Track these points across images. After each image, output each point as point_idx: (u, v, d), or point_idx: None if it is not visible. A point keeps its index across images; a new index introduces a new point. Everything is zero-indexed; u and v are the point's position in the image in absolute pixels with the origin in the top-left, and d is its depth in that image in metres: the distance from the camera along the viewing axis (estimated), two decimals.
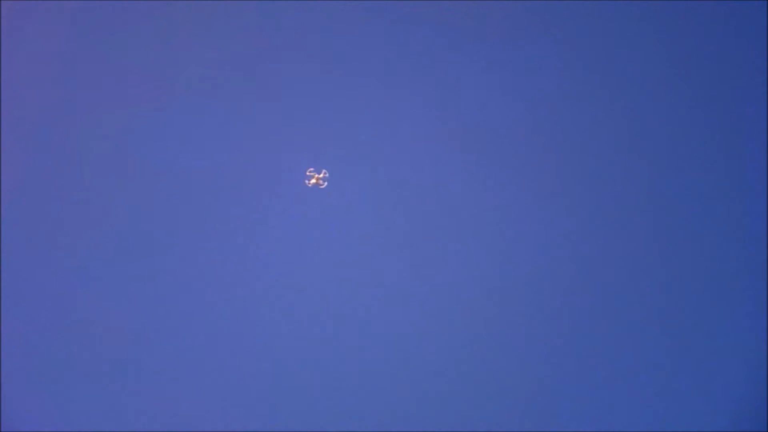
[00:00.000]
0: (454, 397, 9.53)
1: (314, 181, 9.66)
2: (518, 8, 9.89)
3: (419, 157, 9.93)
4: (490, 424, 9.41)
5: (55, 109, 9.93)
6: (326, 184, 9.66)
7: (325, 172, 9.65)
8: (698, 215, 9.71)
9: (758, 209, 9.59)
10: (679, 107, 9.92)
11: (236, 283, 9.77)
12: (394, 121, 9.99)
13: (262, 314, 9.73)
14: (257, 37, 10.02)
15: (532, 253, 9.74)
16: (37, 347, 9.49)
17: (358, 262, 9.82)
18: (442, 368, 9.60)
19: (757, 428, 9.10)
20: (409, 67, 10.00)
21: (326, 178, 9.67)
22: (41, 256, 9.67)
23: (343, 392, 9.57)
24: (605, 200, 9.81)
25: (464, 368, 9.57)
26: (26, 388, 9.41)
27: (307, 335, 9.69)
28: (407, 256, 9.80)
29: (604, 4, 9.99)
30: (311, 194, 9.81)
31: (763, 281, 9.41)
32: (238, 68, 9.99)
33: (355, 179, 9.91)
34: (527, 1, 9.87)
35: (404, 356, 9.64)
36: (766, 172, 9.62)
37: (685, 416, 9.29)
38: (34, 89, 9.91)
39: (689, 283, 9.60)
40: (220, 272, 9.78)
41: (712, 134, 9.83)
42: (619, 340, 9.54)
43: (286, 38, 9.99)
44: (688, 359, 9.44)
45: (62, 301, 9.61)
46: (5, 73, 9.84)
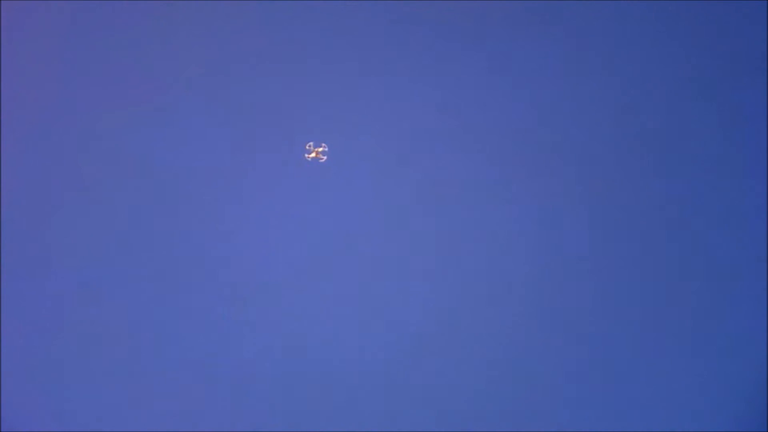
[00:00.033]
0: (454, 396, 9.55)
1: (313, 155, 9.63)
2: None
3: (422, 149, 9.95)
4: (490, 424, 9.43)
5: (55, 109, 9.95)
6: (326, 158, 9.62)
7: (324, 145, 9.60)
8: (698, 215, 9.73)
9: (758, 209, 9.61)
10: (679, 107, 9.94)
11: (236, 282, 9.79)
12: (395, 121, 10.01)
13: (262, 313, 9.76)
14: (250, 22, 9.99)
15: (532, 245, 9.74)
16: (37, 347, 9.51)
17: (357, 262, 9.85)
18: (441, 367, 9.63)
19: (757, 428, 9.12)
20: (412, 55, 9.98)
21: (326, 152, 9.61)
22: (41, 255, 9.69)
23: (342, 392, 9.59)
24: (605, 200, 9.82)
25: (464, 368, 9.60)
26: (26, 388, 9.42)
27: (306, 334, 9.71)
28: (410, 256, 9.83)
29: (604, 4, 10.01)
30: (311, 194, 9.84)
31: (763, 281, 9.43)
32: (236, 63, 10.01)
33: (354, 179, 9.93)
34: None
35: (404, 355, 9.67)
36: (766, 172, 9.64)
37: (685, 416, 9.32)
38: (34, 89, 9.93)
39: (689, 283, 9.61)
40: (221, 272, 9.80)
41: (712, 134, 9.85)
42: (619, 340, 9.56)
43: (283, 24, 9.96)
44: (688, 359, 9.45)
45: (62, 300, 9.63)
46: (5, 73, 9.87)
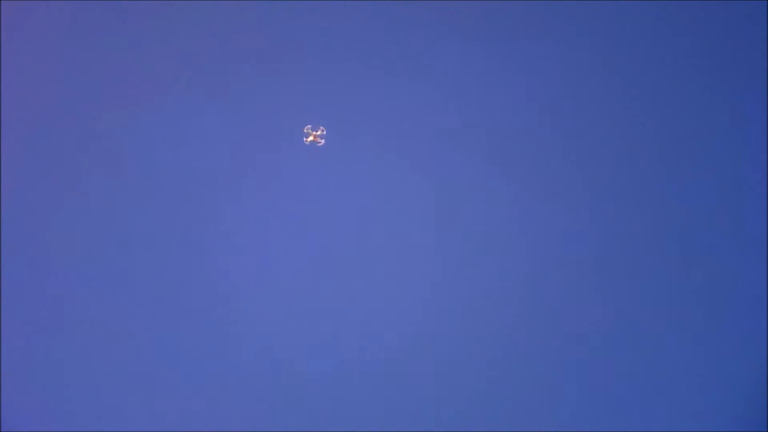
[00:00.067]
0: (453, 396, 9.54)
1: (311, 138, 9.61)
2: None
3: (423, 149, 9.94)
4: (490, 424, 9.42)
5: (55, 109, 9.94)
6: (324, 141, 9.60)
7: (322, 129, 9.60)
8: (698, 215, 9.72)
9: (758, 209, 9.60)
10: (679, 107, 9.93)
11: (236, 282, 9.78)
12: (395, 121, 10.00)
13: (261, 312, 9.75)
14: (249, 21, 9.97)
15: (533, 244, 9.74)
16: (37, 347, 9.50)
17: (357, 262, 9.84)
18: (441, 367, 9.62)
19: (757, 428, 9.11)
20: (412, 55, 9.98)
21: (324, 135, 9.59)
22: (41, 255, 9.68)
23: (342, 392, 9.58)
24: (605, 199, 9.81)
25: (464, 367, 9.59)
26: (26, 388, 9.41)
27: (305, 333, 9.70)
28: (410, 256, 9.82)
29: (605, 4, 10.00)
30: (311, 195, 9.82)
31: (763, 281, 9.42)
32: (236, 63, 9.99)
33: (354, 179, 9.92)
34: None
35: (404, 355, 9.66)
36: (766, 172, 9.63)
37: (685, 416, 9.31)
38: (34, 89, 9.92)
39: (689, 283, 9.61)
40: (221, 272, 9.79)
41: (712, 134, 9.84)
42: (619, 339, 9.55)
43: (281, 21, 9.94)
44: (688, 359, 9.45)
45: (62, 300, 9.62)
46: (5, 73, 9.85)
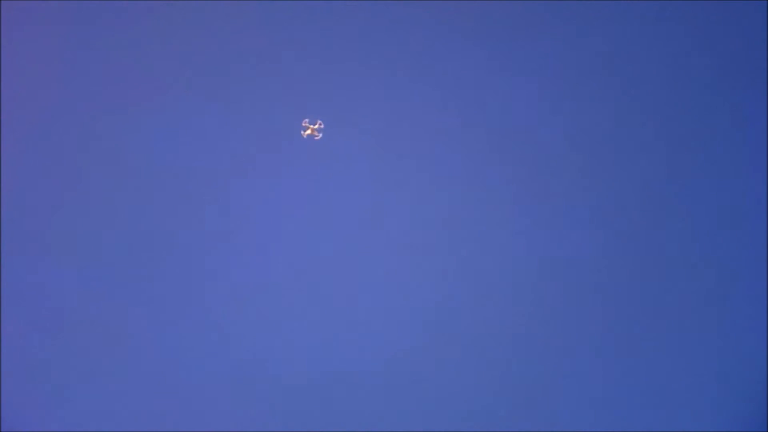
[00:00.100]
0: (453, 396, 9.52)
1: (309, 132, 9.62)
2: None
3: (423, 149, 9.92)
4: (490, 424, 9.41)
5: (55, 109, 9.93)
6: (321, 135, 9.61)
7: (320, 123, 9.62)
8: (698, 215, 9.71)
9: (758, 209, 9.59)
10: (679, 107, 9.92)
11: (236, 282, 9.77)
12: (395, 121, 9.99)
13: (261, 313, 9.73)
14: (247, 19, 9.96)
15: (533, 244, 9.73)
16: (36, 347, 9.49)
17: (357, 262, 9.83)
18: (441, 366, 9.60)
19: (757, 428, 9.09)
20: (412, 55, 9.96)
21: (321, 129, 9.61)
22: (41, 255, 9.67)
23: (342, 391, 9.56)
24: (605, 199, 9.80)
25: (464, 367, 9.57)
26: (26, 388, 9.41)
27: (306, 332, 9.69)
28: (410, 257, 9.80)
29: (605, 4, 9.98)
30: (311, 195, 9.81)
31: (763, 281, 9.41)
32: (236, 63, 9.98)
33: (354, 180, 9.91)
34: None
35: (403, 353, 9.64)
36: (766, 172, 9.62)
37: (685, 416, 9.29)
38: (34, 89, 9.91)
39: (689, 282, 9.60)
40: (221, 271, 9.78)
41: (712, 134, 9.83)
42: (619, 339, 9.54)
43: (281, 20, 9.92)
44: (688, 359, 9.44)
45: (62, 300, 9.61)
46: (5, 73, 9.84)
